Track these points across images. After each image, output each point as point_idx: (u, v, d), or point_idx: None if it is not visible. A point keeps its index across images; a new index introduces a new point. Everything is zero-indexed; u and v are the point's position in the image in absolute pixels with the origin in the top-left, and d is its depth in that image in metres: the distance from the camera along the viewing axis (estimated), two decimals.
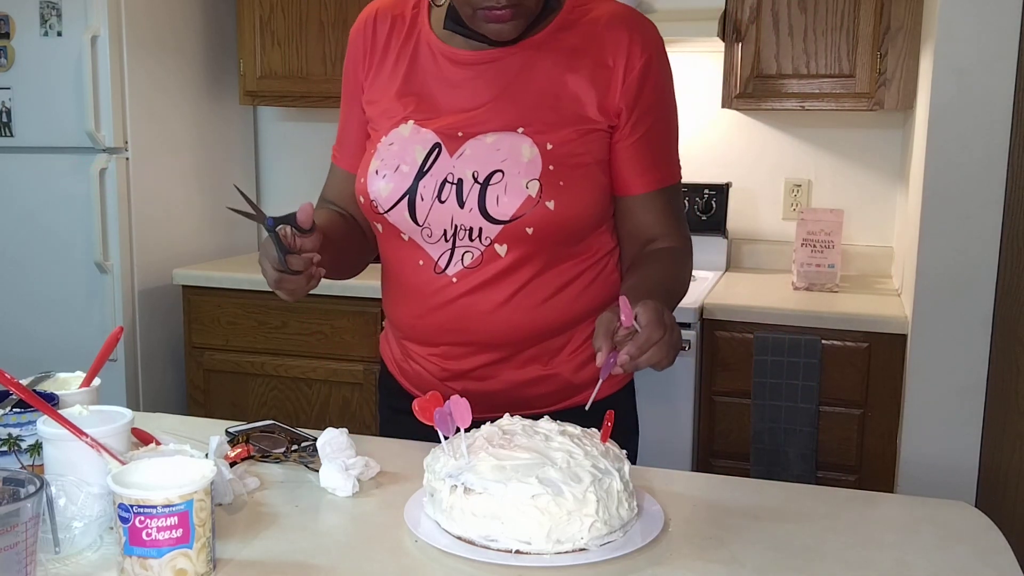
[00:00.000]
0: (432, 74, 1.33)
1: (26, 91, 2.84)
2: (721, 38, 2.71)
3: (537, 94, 1.28)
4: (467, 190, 1.25)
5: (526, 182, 1.24)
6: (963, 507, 1.14)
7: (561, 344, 1.34)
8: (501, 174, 1.24)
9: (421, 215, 1.28)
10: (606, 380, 1.29)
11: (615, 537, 1.00)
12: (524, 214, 1.24)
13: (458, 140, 1.28)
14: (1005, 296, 2.20)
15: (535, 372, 1.35)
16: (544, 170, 1.24)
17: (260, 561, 0.98)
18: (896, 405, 2.40)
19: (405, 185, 1.28)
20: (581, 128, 1.27)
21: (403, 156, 1.29)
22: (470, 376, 1.35)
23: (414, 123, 1.31)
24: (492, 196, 1.24)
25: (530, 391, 1.35)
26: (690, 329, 2.46)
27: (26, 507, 0.85)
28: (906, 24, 2.56)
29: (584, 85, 1.28)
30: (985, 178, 2.16)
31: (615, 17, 1.31)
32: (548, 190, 1.24)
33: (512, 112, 1.27)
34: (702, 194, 2.99)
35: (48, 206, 2.88)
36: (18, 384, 1.07)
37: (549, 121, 1.27)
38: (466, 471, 1.01)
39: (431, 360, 1.37)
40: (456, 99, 1.30)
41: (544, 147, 1.25)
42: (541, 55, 1.29)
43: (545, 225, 1.25)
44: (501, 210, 1.24)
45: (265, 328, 2.90)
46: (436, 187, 1.27)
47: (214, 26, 3.23)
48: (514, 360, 1.34)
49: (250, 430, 1.32)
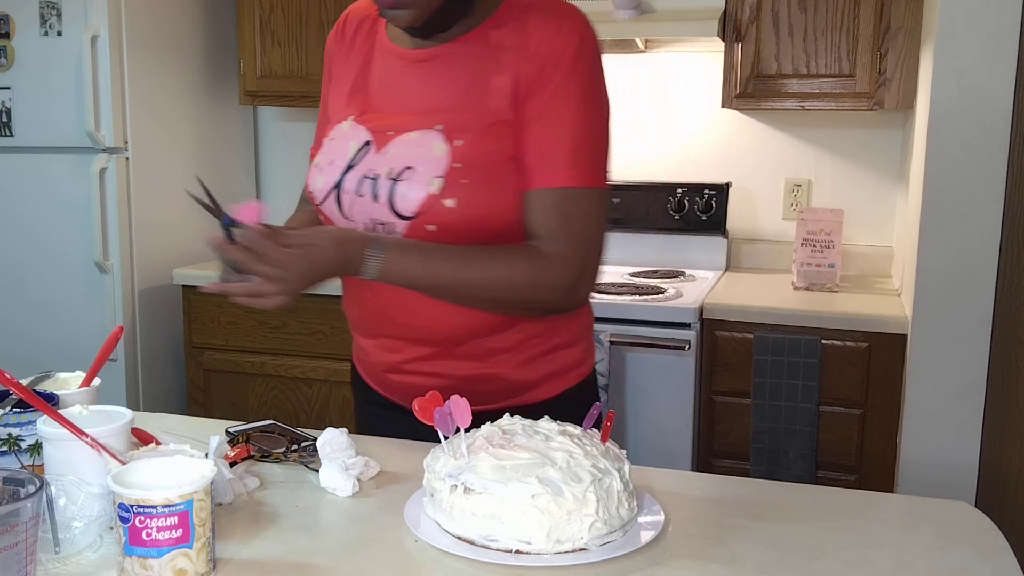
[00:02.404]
0: (379, 73, 1.36)
1: (26, 91, 2.84)
2: (721, 38, 2.71)
3: (459, 91, 1.28)
4: (380, 186, 1.28)
5: (430, 179, 1.24)
6: (963, 507, 1.14)
7: (498, 344, 1.34)
8: (411, 171, 1.26)
9: (346, 208, 1.31)
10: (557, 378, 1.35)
11: (615, 537, 1.00)
12: (425, 211, 1.25)
13: (387, 137, 1.30)
14: (1005, 296, 2.20)
15: (474, 370, 1.35)
16: (450, 168, 1.24)
17: (260, 561, 0.98)
18: (896, 405, 2.40)
19: (334, 179, 1.32)
20: (495, 124, 1.26)
21: (338, 151, 1.33)
22: (408, 370, 1.37)
23: (353, 119, 1.35)
24: (399, 192, 1.26)
25: (472, 388, 1.33)
26: (690, 329, 2.46)
27: (26, 507, 0.85)
28: (906, 24, 2.56)
29: (504, 80, 1.27)
30: (985, 178, 2.16)
31: (544, 11, 1.28)
32: (450, 188, 1.24)
33: (435, 110, 1.29)
34: (702, 194, 2.99)
35: (48, 206, 2.88)
36: (18, 384, 1.07)
37: (464, 118, 1.27)
38: (466, 471, 1.01)
39: (373, 352, 1.41)
40: (393, 97, 1.33)
41: (453, 144, 1.25)
42: (469, 52, 1.29)
43: (446, 223, 1.25)
44: (405, 207, 1.26)
45: (265, 328, 2.90)
46: (357, 182, 1.30)
47: (214, 26, 3.23)
48: (449, 356, 1.34)
49: (250, 430, 1.32)
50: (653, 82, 3.12)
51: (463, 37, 1.30)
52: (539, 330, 1.35)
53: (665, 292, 2.63)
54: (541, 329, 1.35)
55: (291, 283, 1.16)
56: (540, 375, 1.37)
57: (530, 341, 1.35)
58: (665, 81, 3.11)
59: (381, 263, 1.21)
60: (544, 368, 1.37)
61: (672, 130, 3.13)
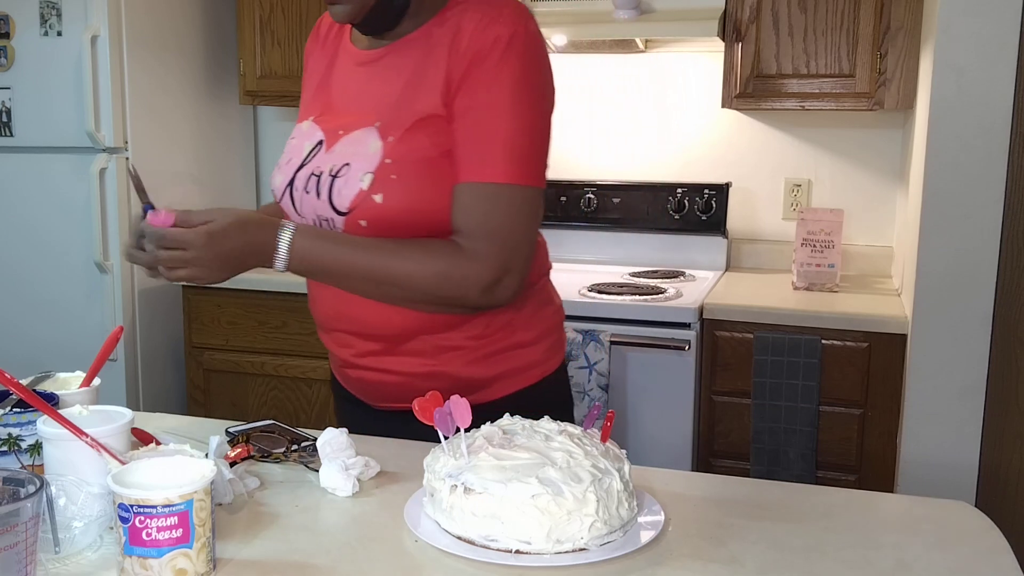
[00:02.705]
0: (338, 74, 1.39)
1: (26, 91, 2.84)
2: (721, 38, 2.71)
3: (397, 90, 1.30)
4: (323, 183, 1.31)
5: (362, 175, 1.26)
6: (963, 507, 1.14)
7: (448, 342, 1.35)
8: (348, 167, 1.28)
9: (298, 205, 1.35)
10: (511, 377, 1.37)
11: (615, 537, 1.00)
12: (356, 207, 1.27)
13: (337, 137, 1.33)
14: (1005, 296, 2.20)
15: (423, 367, 1.35)
16: (380, 163, 1.26)
17: (260, 561, 0.98)
18: (896, 405, 2.40)
19: (288, 177, 1.37)
20: (426, 120, 1.26)
21: (295, 150, 1.38)
22: (360, 365, 1.39)
23: (313, 120, 1.38)
24: (336, 188, 1.29)
25: (423, 385, 1.34)
26: (690, 329, 2.46)
27: (26, 507, 0.85)
28: (906, 24, 2.56)
29: (437, 76, 1.27)
30: (985, 178, 2.16)
31: (480, 6, 1.28)
32: (379, 183, 1.25)
33: (375, 108, 1.31)
34: (702, 194, 2.99)
35: (48, 206, 2.88)
36: (18, 384, 1.07)
37: (398, 115, 1.28)
38: (466, 471, 1.01)
39: (331, 346, 1.44)
40: (346, 97, 1.36)
41: (387, 140, 1.27)
42: (410, 51, 1.31)
43: (376, 219, 1.26)
44: (341, 202, 1.28)
45: (265, 328, 2.91)
46: (306, 179, 1.34)
47: (214, 26, 3.23)
48: (398, 352, 1.35)
49: (250, 430, 1.32)
50: (653, 82, 3.12)
51: (408, 36, 1.32)
52: (493, 329, 1.36)
53: (665, 292, 2.63)
54: (495, 328, 1.36)
55: (192, 261, 1.18)
56: (493, 374, 1.37)
57: (483, 340, 1.35)
58: (665, 81, 3.11)
59: (290, 250, 1.22)
60: (497, 367, 1.37)
61: (672, 130, 3.13)
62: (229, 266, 1.21)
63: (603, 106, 3.16)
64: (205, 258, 1.18)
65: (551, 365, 1.44)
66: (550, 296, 1.47)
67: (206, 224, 1.19)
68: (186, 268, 1.19)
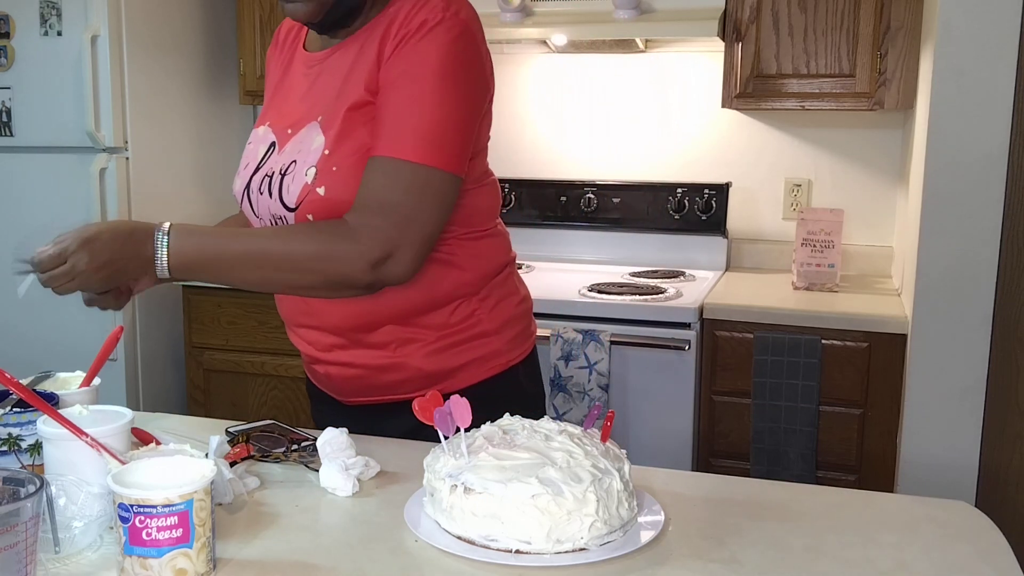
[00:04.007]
0: (291, 78, 1.41)
1: (26, 91, 2.84)
2: (721, 38, 2.71)
3: (336, 85, 1.31)
4: (273, 182, 1.33)
5: (306, 170, 1.28)
6: (963, 507, 1.14)
7: (408, 334, 1.36)
8: (295, 164, 1.30)
9: (255, 207, 1.37)
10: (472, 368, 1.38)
11: (615, 537, 1.00)
12: (303, 201, 1.28)
13: (287, 137, 1.34)
14: (1005, 296, 2.20)
15: (385, 359, 1.37)
16: (322, 156, 1.27)
17: (260, 561, 0.98)
18: (896, 405, 2.40)
19: (245, 181, 1.39)
20: (359, 110, 1.28)
21: (252, 155, 1.40)
22: (326, 360, 1.41)
23: (268, 124, 1.40)
24: (285, 186, 1.31)
25: (384, 377, 1.37)
26: (690, 329, 2.46)
27: (26, 507, 0.85)
28: (906, 24, 2.56)
29: (367, 67, 1.28)
30: (985, 178, 2.16)
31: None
32: (321, 176, 1.27)
33: (319, 105, 1.32)
34: (702, 194, 2.99)
35: (48, 206, 2.88)
36: (18, 384, 1.07)
37: (336, 108, 1.29)
38: (466, 471, 1.01)
39: (298, 343, 1.45)
40: (296, 99, 1.37)
41: (328, 134, 1.28)
42: (352, 47, 1.32)
43: (320, 211, 1.27)
44: (289, 198, 1.30)
45: (265, 328, 2.90)
46: (260, 181, 1.35)
47: (214, 26, 3.22)
48: (359, 345, 1.37)
49: (250, 430, 1.32)
50: (653, 82, 3.12)
51: (357, 33, 1.33)
52: (454, 320, 1.37)
53: (665, 292, 2.63)
54: (457, 319, 1.37)
55: (74, 271, 1.18)
56: (454, 365, 1.38)
57: (444, 331, 1.37)
58: (665, 81, 3.11)
59: (169, 247, 1.21)
60: (458, 358, 1.38)
61: (672, 130, 3.13)
62: (111, 276, 1.20)
63: (603, 106, 3.16)
64: (85, 267, 1.18)
65: (516, 355, 1.44)
66: (515, 287, 1.48)
67: (76, 235, 1.19)
68: (73, 280, 1.19)
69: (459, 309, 1.37)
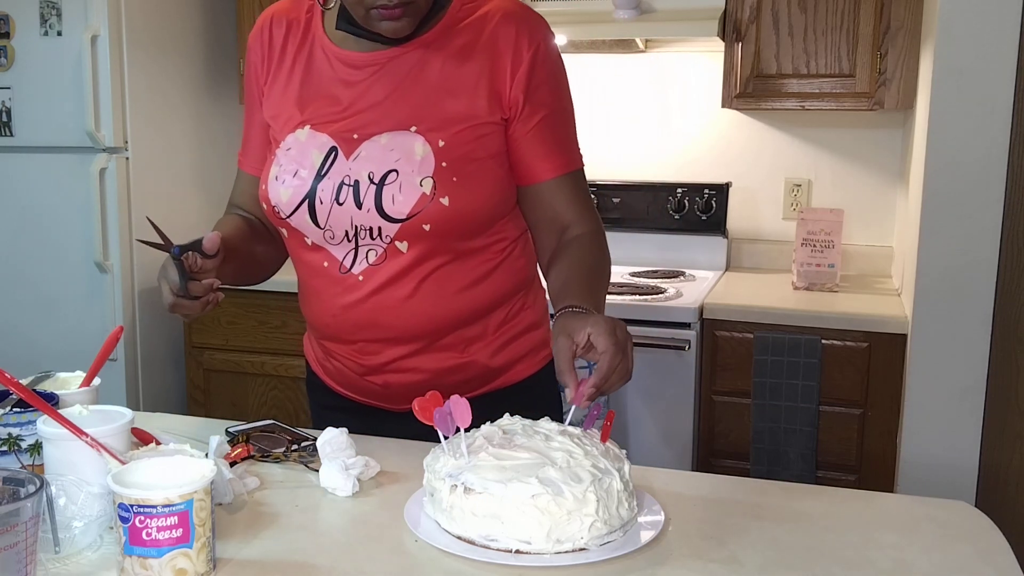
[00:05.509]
0: (327, 78, 1.35)
1: (26, 91, 2.84)
2: (721, 38, 2.71)
3: (428, 92, 1.30)
4: (364, 191, 1.28)
5: (420, 180, 1.26)
6: (963, 507, 1.14)
7: (476, 332, 1.37)
8: (396, 173, 1.27)
9: (322, 218, 1.30)
10: (526, 360, 1.39)
11: (615, 537, 1.00)
12: (420, 211, 1.26)
13: (353, 142, 1.30)
14: (1005, 296, 2.20)
15: (452, 360, 1.37)
16: (437, 167, 1.26)
17: (260, 561, 0.98)
18: (896, 405, 2.40)
19: (304, 190, 1.31)
20: (473, 123, 1.29)
21: (301, 161, 1.32)
22: (388, 369, 1.38)
23: (310, 128, 1.33)
24: (388, 196, 1.27)
25: (450, 379, 1.36)
26: (690, 329, 2.46)
27: (26, 507, 0.85)
28: (906, 24, 2.56)
29: (475, 81, 1.29)
30: (985, 178, 2.16)
31: (503, 13, 1.33)
32: (442, 187, 1.26)
33: (404, 111, 1.29)
34: (702, 194, 2.99)
35: (48, 206, 2.88)
36: (18, 384, 1.07)
37: (440, 118, 1.28)
38: (466, 471, 1.01)
39: (350, 357, 1.40)
40: (350, 102, 1.33)
41: (436, 144, 1.27)
42: (431, 53, 1.31)
43: (441, 221, 1.27)
44: (397, 209, 1.27)
45: (265, 328, 2.90)
46: (334, 190, 1.29)
47: (214, 26, 3.22)
48: (429, 350, 1.36)
49: (250, 430, 1.32)
50: (653, 82, 3.12)
51: (422, 37, 1.31)
52: (512, 314, 1.39)
53: (665, 292, 2.63)
54: (511, 314, 1.39)
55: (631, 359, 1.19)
56: (512, 359, 1.40)
57: (503, 327, 1.39)
58: (665, 81, 3.11)
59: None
60: (515, 352, 1.41)
61: (672, 130, 3.13)
62: None
63: (603, 106, 3.16)
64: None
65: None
66: (541, 280, 1.50)
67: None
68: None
69: (514, 303, 1.40)
